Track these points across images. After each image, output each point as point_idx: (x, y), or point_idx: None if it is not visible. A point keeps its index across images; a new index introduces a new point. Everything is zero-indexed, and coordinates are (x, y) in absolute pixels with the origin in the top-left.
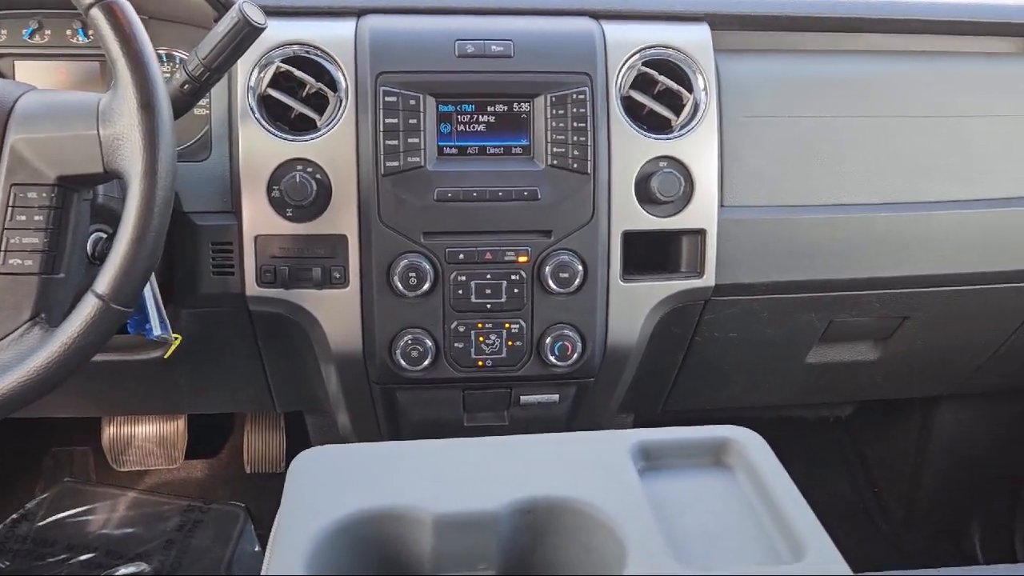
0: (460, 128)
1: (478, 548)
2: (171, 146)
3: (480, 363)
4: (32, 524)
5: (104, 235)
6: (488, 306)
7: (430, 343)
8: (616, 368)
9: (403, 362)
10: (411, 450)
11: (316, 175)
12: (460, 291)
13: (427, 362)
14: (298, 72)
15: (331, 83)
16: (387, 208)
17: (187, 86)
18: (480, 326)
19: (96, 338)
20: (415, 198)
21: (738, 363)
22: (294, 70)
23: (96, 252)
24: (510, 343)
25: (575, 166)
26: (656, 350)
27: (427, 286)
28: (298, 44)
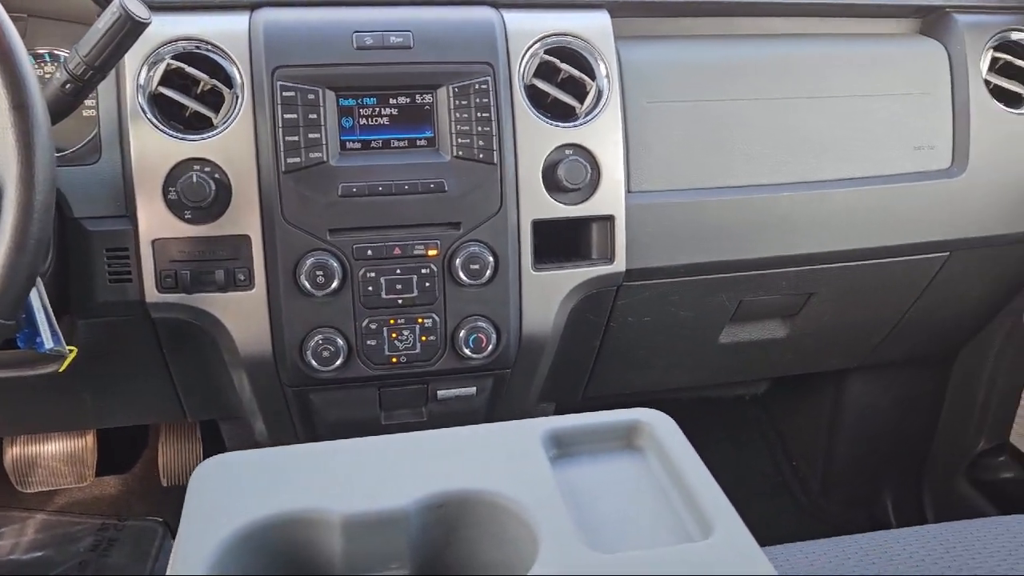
0: (362, 122)
1: (389, 547)
2: (48, 148)
3: (394, 360)
4: None
5: None
6: (399, 301)
7: (342, 342)
8: (532, 358)
9: (315, 363)
10: (320, 451)
11: (215, 175)
12: (370, 288)
13: (339, 362)
14: (190, 69)
15: (226, 79)
16: (290, 206)
17: (69, 85)
18: (392, 322)
19: None
20: (319, 195)
21: (653, 347)
22: (186, 67)
23: None
24: (424, 338)
25: (481, 156)
26: (572, 338)
27: (335, 284)
28: (189, 40)
